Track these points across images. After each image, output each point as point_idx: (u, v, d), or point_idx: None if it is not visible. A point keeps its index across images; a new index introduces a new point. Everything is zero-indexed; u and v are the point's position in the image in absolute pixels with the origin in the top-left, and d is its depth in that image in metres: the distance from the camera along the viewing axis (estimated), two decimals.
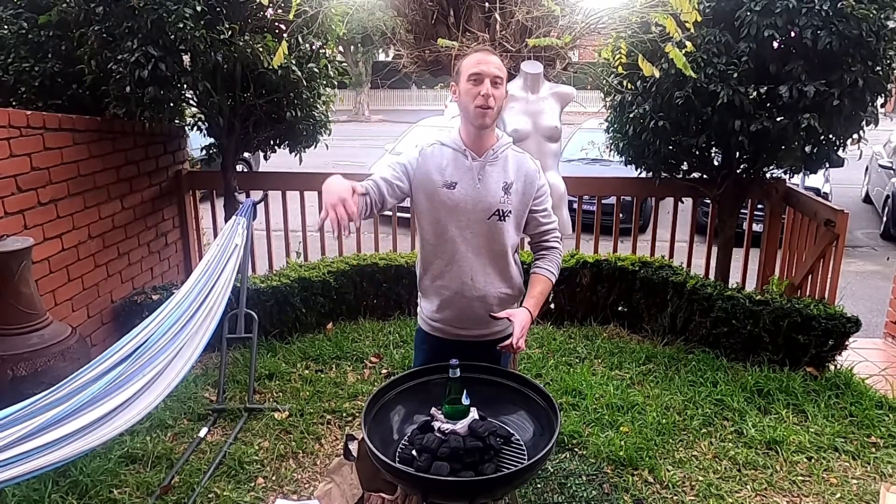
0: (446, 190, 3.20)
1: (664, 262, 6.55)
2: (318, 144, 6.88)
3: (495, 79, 3.07)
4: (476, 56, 3.12)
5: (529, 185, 3.26)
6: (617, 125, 6.48)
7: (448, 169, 3.21)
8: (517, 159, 3.27)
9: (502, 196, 3.21)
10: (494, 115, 3.12)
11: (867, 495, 4.22)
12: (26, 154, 4.79)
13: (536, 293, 3.27)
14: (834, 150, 5.91)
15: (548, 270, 3.32)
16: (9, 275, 4.13)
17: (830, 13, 5.09)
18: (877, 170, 13.89)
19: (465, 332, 3.43)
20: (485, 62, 3.07)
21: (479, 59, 3.09)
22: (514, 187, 3.22)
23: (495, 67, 3.08)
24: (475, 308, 3.34)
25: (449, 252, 3.29)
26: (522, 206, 3.27)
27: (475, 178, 3.20)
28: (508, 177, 3.22)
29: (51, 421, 3.27)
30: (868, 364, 6.11)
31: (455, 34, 4.01)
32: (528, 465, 2.76)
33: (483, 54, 3.13)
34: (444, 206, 3.22)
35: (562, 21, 3.99)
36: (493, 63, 3.09)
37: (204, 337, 4.49)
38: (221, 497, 4.16)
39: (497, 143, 3.24)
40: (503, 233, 3.26)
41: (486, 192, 3.20)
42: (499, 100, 3.10)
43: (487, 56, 3.12)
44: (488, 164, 3.20)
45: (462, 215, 3.22)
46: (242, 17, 5.56)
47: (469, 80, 3.08)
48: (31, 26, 5.71)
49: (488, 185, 3.20)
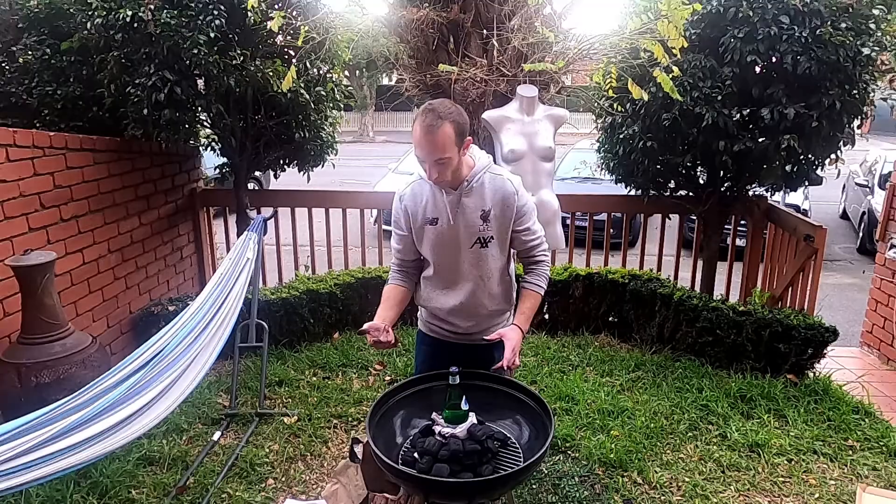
0: (430, 226, 3.22)
1: (652, 275, 6.55)
2: (326, 164, 6.90)
3: (437, 162, 2.93)
4: (417, 132, 2.93)
5: (508, 209, 3.16)
6: (608, 145, 6.49)
7: (428, 206, 3.20)
8: (494, 184, 3.16)
9: (481, 225, 3.17)
10: (448, 176, 3.03)
11: (844, 495, 4.22)
12: (49, 173, 4.81)
13: (526, 308, 3.27)
14: (813, 169, 5.93)
15: (535, 285, 3.30)
16: (33, 287, 4.14)
17: (810, 40, 5.12)
18: (853, 188, 13.93)
19: (460, 337, 3.47)
20: (423, 146, 2.92)
21: (419, 139, 2.93)
22: (493, 213, 3.16)
23: (434, 152, 2.91)
24: (468, 322, 3.38)
25: (445, 276, 3.35)
26: (503, 229, 3.21)
27: (452, 211, 3.15)
28: (486, 204, 3.15)
29: (73, 425, 3.27)
30: (845, 371, 6.11)
31: (455, 59, 4.03)
32: (524, 467, 2.76)
33: (423, 133, 2.90)
34: (431, 240, 3.25)
35: (556, 47, 4.01)
36: (431, 148, 2.90)
37: (217, 346, 4.49)
38: (234, 497, 4.16)
39: (472, 173, 3.13)
40: (488, 258, 3.26)
41: (464, 224, 3.17)
42: (449, 170, 2.99)
43: (427, 137, 2.89)
44: (464, 196, 3.13)
45: (447, 247, 3.25)
46: (253, 43, 5.58)
47: (416, 155, 3.00)
48: (54, 52, 5.72)
49: (466, 216, 3.16)
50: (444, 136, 2.89)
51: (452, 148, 2.93)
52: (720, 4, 5.30)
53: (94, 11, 5.06)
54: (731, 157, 5.54)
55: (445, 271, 3.34)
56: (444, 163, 2.94)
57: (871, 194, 12.25)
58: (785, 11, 5.16)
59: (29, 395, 4.04)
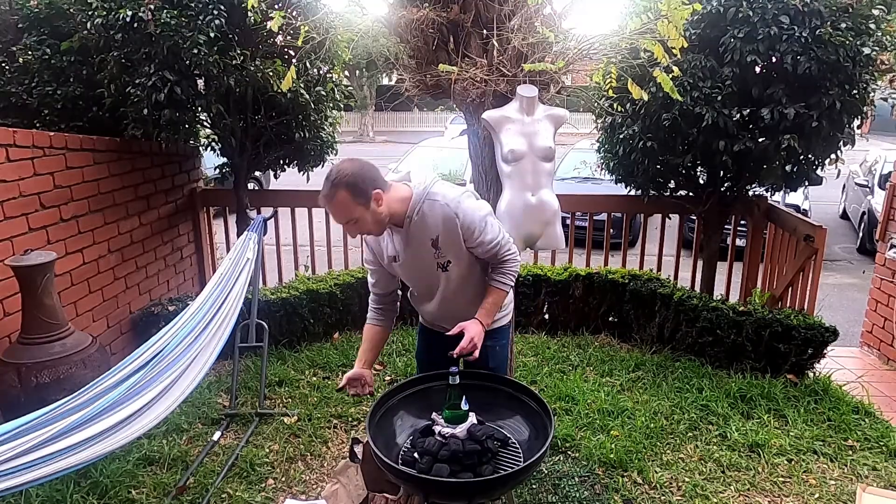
0: (394, 263, 3.32)
1: (652, 275, 6.56)
2: (326, 164, 6.89)
3: (347, 223, 3.02)
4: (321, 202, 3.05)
5: (452, 232, 3.14)
6: (608, 146, 6.50)
7: (388, 244, 3.29)
8: (433, 210, 3.12)
9: (434, 252, 3.21)
10: (376, 228, 3.11)
11: (844, 495, 4.22)
12: (49, 173, 4.81)
13: (487, 303, 3.29)
14: (813, 169, 5.93)
15: (500, 282, 3.31)
16: (33, 287, 4.14)
17: (809, 40, 5.12)
18: (853, 188, 13.93)
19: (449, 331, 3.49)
20: (329, 214, 3.10)
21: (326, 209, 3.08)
22: (441, 239, 3.17)
23: (337, 219, 3.04)
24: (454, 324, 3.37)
25: (423, 294, 3.52)
26: (457, 249, 3.21)
27: (403, 249, 3.23)
28: (432, 232, 3.15)
29: (72, 425, 3.27)
30: (845, 371, 6.11)
31: (455, 59, 4.02)
32: (524, 467, 2.77)
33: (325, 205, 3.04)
34: (400, 272, 3.42)
35: (556, 47, 3.99)
36: (334, 214, 3.03)
37: (217, 346, 4.49)
38: (234, 497, 4.16)
39: (410, 207, 3.13)
40: (452, 277, 3.31)
41: (420, 255, 3.23)
42: (365, 224, 3.05)
43: (326, 205, 3.04)
44: (410, 230, 3.16)
45: (416, 275, 3.40)
46: (253, 43, 5.59)
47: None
48: (54, 52, 5.73)
49: (419, 248, 3.20)
50: (341, 202, 2.97)
51: (354, 209, 2.98)
52: (720, 4, 5.30)
53: (94, 11, 5.07)
54: (731, 157, 5.54)
55: (422, 290, 3.51)
56: (355, 223, 3.02)
57: (871, 194, 12.24)
58: (785, 11, 5.16)
59: (29, 395, 4.04)
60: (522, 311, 6.58)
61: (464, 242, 3.17)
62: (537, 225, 4.04)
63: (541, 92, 4.03)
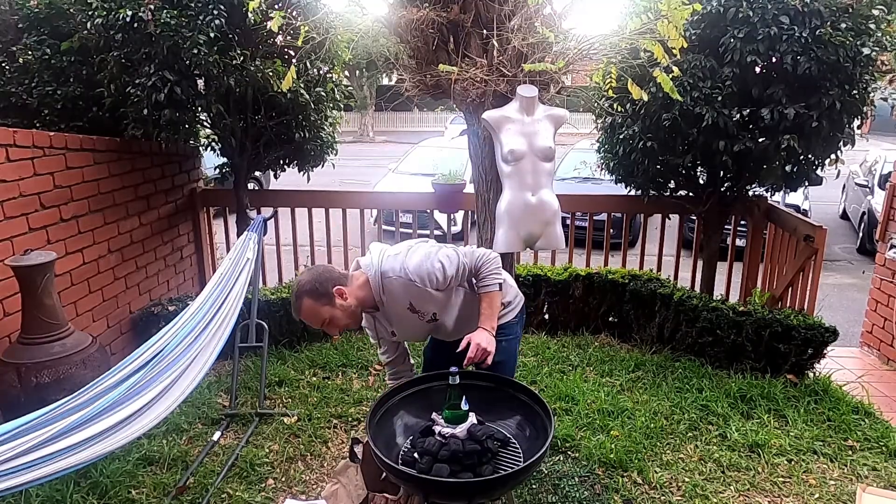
0: (392, 337, 3.62)
1: (652, 275, 6.56)
2: (325, 164, 6.90)
3: (322, 325, 3.29)
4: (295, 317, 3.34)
5: (419, 293, 3.27)
6: (608, 146, 6.50)
7: (380, 325, 3.57)
8: (392, 286, 3.26)
9: (417, 314, 3.36)
10: (350, 321, 3.33)
11: (844, 496, 4.22)
12: (49, 173, 4.81)
13: (484, 308, 3.35)
14: (813, 169, 5.93)
15: (486, 286, 3.37)
16: (33, 287, 4.14)
17: (809, 40, 5.12)
18: (853, 188, 13.93)
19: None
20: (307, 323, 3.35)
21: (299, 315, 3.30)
22: (415, 303, 3.31)
23: (313, 324, 3.32)
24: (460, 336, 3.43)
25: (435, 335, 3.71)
26: (436, 302, 3.36)
27: (391, 322, 3.45)
28: (404, 302, 3.31)
29: (72, 425, 3.27)
30: (845, 371, 6.11)
31: (455, 60, 4.03)
32: (524, 467, 2.77)
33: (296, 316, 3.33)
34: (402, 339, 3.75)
35: (556, 47, 4.00)
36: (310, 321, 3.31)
37: (217, 346, 4.49)
38: (234, 497, 4.16)
39: (374, 291, 3.30)
40: (448, 317, 3.47)
41: (409, 322, 3.41)
42: (340, 320, 3.28)
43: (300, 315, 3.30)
44: (386, 310, 3.36)
45: (417, 335, 3.68)
46: (253, 43, 5.59)
47: None
48: (54, 52, 5.73)
49: (403, 317, 3.39)
50: (308, 309, 3.25)
51: (322, 311, 3.24)
52: (720, 4, 5.30)
53: (94, 11, 5.06)
54: (731, 157, 5.54)
55: (433, 334, 3.71)
56: (329, 323, 3.27)
57: (871, 194, 12.25)
58: (785, 12, 5.16)
59: (29, 395, 4.04)
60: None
61: (436, 291, 3.29)
62: (537, 225, 4.04)
63: (541, 92, 4.03)
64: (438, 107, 35.26)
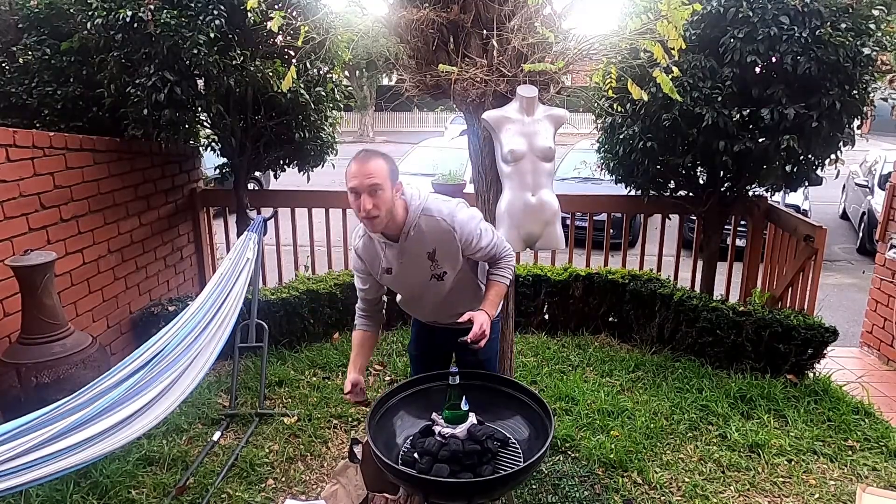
0: (386, 275, 3.35)
1: (652, 275, 6.56)
2: (325, 164, 6.90)
3: (372, 188, 2.96)
4: (352, 167, 3.00)
5: (449, 244, 3.22)
6: (608, 146, 6.50)
7: (380, 256, 3.31)
8: (429, 226, 3.18)
9: (430, 264, 3.28)
10: (384, 218, 3.04)
11: (844, 496, 4.22)
12: (49, 173, 4.81)
13: (491, 295, 3.35)
14: (813, 169, 5.93)
15: (500, 276, 3.40)
16: (33, 287, 4.14)
17: (809, 40, 5.12)
18: (853, 188, 13.93)
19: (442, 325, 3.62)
20: (359, 175, 2.97)
21: (354, 171, 2.99)
22: (437, 253, 3.24)
23: (370, 178, 2.96)
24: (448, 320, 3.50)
25: (416, 301, 3.58)
26: (453, 260, 3.29)
27: (398, 262, 3.27)
28: (428, 246, 3.23)
29: (72, 425, 3.27)
30: (845, 372, 6.12)
31: (455, 60, 4.02)
32: (524, 467, 2.77)
33: (358, 165, 2.99)
34: (391, 283, 3.43)
35: (556, 47, 3.99)
36: (367, 174, 2.96)
37: (217, 346, 4.49)
38: (234, 497, 4.16)
39: (408, 221, 3.16)
40: (447, 285, 3.38)
41: (414, 268, 3.28)
42: (383, 203, 3.00)
43: (363, 166, 2.98)
44: (405, 245, 3.21)
45: (408, 285, 3.45)
46: (253, 43, 5.59)
47: (350, 193, 3.03)
48: (54, 52, 5.73)
49: (414, 260, 3.26)
50: (377, 164, 3.00)
51: (386, 179, 3.00)
52: (720, 5, 5.30)
53: (94, 11, 5.07)
54: (731, 157, 5.54)
55: (414, 297, 3.56)
56: (378, 190, 2.97)
57: (871, 194, 12.24)
58: (785, 12, 5.16)
59: (29, 395, 4.04)
60: (522, 311, 6.59)
61: (461, 252, 3.25)
62: (537, 225, 4.04)
63: (541, 92, 4.03)
64: (438, 107, 35.23)
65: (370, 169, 2.97)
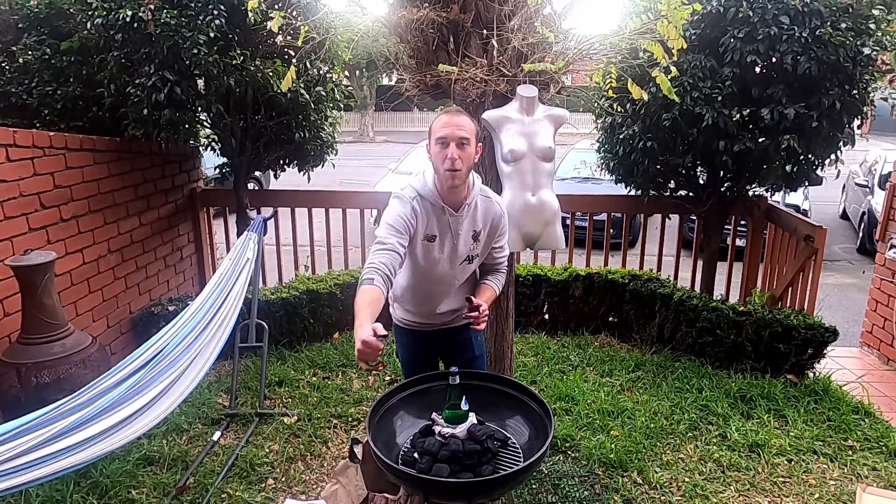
0: (426, 242, 3.27)
1: (652, 275, 6.56)
2: (325, 164, 6.90)
3: (461, 141, 3.02)
4: (443, 118, 3.08)
5: (494, 229, 3.34)
6: (608, 146, 6.50)
7: (430, 222, 3.23)
8: (485, 206, 3.31)
9: (472, 244, 3.31)
10: (464, 175, 3.08)
11: (844, 495, 4.22)
12: (49, 173, 4.81)
13: (485, 296, 3.38)
14: (813, 169, 5.93)
15: (496, 284, 3.50)
16: (33, 287, 4.15)
17: (809, 40, 5.12)
18: (853, 188, 13.93)
19: (436, 325, 3.63)
20: (450, 125, 3.04)
21: (446, 121, 3.05)
22: (482, 234, 3.32)
23: (461, 130, 3.03)
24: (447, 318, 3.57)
25: (424, 288, 3.49)
26: (487, 247, 3.39)
27: (452, 232, 3.25)
28: (477, 225, 3.29)
29: (72, 425, 3.27)
30: (845, 371, 6.12)
31: (455, 60, 4.02)
32: (524, 467, 2.77)
33: (450, 116, 3.07)
34: (423, 254, 3.32)
35: (556, 47, 3.99)
36: (458, 125, 3.04)
37: (217, 346, 4.49)
38: (234, 497, 4.16)
39: (470, 195, 3.24)
40: (467, 271, 3.44)
41: (459, 244, 3.29)
42: (467, 159, 3.05)
43: (454, 118, 3.06)
44: (461, 216, 3.22)
45: (437, 262, 3.34)
46: (253, 43, 5.59)
47: (437, 143, 3.06)
48: (54, 52, 5.73)
49: (461, 237, 3.27)
50: (468, 120, 3.10)
51: (473, 136, 3.09)
52: (720, 4, 5.30)
53: (94, 11, 5.06)
54: (731, 157, 5.54)
55: (424, 285, 3.47)
56: (465, 145, 3.04)
57: (871, 194, 12.24)
58: (785, 12, 5.16)
59: (29, 395, 4.04)
60: (522, 311, 6.59)
61: (493, 242, 3.38)
62: (537, 225, 4.04)
63: (541, 92, 4.03)
64: (438, 107, 35.01)
65: (462, 122, 3.06)
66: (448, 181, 3.08)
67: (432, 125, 3.10)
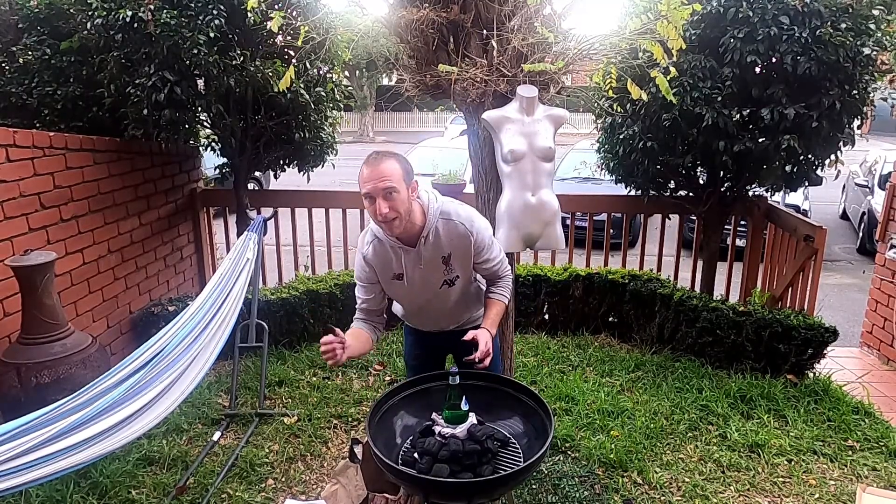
0: (396, 281, 3.30)
1: (652, 275, 6.56)
2: (325, 164, 6.90)
3: (386, 192, 2.90)
4: (364, 172, 2.93)
5: (464, 249, 3.21)
6: (608, 146, 6.50)
7: (392, 262, 3.25)
8: (446, 229, 3.16)
9: (444, 269, 3.26)
10: (403, 217, 2.98)
11: (844, 496, 4.22)
12: (49, 173, 4.81)
13: (492, 314, 3.38)
14: (813, 169, 5.93)
15: (501, 295, 3.45)
16: (33, 287, 4.14)
17: (809, 40, 5.12)
18: (853, 188, 13.93)
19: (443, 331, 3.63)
20: (371, 179, 2.91)
21: (367, 175, 2.92)
22: (453, 256, 3.23)
23: (383, 181, 2.89)
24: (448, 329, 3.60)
25: (416, 311, 3.58)
26: (465, 265, 3.29)
27: (414, 268, 3.23)
28: (444, 250, 3.20)
29: (72, 425, 3.28)
30: (845, 372, 6.12)
31: (455, 60, 4.02)
32: (524, 467, 2.77)
33: (370, 169, 2.92)
34: (400, 290, 3.37)
35: (555, 47, 3.99)
36: (380, 177, 2.90)
37: (217, 346, 4.50)
38: (234, 497, 4.16)
39: (426, 224, 3.13)
40: (455, 292, 3.38)
41: (429, 273, 3.26)
42: (399, 205, 2.93)
43: (374, 170, 2.91)
44: (422, 250, 3.16)
45: (415, 293, 3.37)
46: (253, 43, 5.59)
47: (365, 199, 2.97)
48: (54, 52, 5.73)
49: (429, 265, 3.23)
50: (390, 166, 2.94)
51: (400, 181, 2.94)
52: (720, 5, 5.30)
53: (94, 11, 5.06)
54: (730, 157, 5.54)
55: (421, 307, 3.52)
56: (393, 193, 2.92)
57: (871, 194, 12.24)
58: (785, 12, 5.16)
59: (29, 395, 4.04)
60: (522, 311, 6.59)
61: (472, 260, 3.27)
62: (537, 225, 4.04)
63: (541, 92, 4.03)
64: (438, 107, 35.18)
65: (383, 172, 2.90)
66: (388, 231, 3.07)
67: (358, 176, 2.97)
